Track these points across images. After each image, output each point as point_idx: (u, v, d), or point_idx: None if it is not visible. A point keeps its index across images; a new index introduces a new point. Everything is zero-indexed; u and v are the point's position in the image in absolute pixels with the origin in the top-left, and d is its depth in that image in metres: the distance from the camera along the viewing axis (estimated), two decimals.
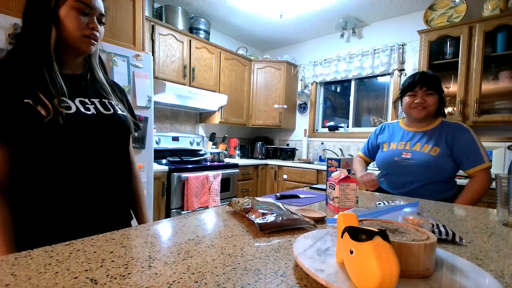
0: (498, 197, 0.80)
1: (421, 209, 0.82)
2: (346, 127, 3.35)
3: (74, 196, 0.73)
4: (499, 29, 2.14)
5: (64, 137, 0.70)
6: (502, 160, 1.99)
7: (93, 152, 0.76)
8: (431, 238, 0.44)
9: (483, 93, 2.19)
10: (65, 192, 0.72)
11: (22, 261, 0.46)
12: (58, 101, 0.69)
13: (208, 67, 2.95)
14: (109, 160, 0.80)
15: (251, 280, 0.43)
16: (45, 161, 0.69)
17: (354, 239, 0.38)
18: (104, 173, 0.79)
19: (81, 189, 0.74)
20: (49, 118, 0.66)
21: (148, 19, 2.37)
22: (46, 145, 0.69)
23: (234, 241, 0.59)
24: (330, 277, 0.40)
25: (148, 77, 1.96)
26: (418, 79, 1.33)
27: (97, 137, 0.77)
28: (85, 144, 0.74)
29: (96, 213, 0.77)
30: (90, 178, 0.76)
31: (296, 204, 0.98)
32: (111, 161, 0.81)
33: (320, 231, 0.59)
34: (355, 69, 3.15)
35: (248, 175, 3.14)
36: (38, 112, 0.66)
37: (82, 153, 0.74)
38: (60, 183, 0.71)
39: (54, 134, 0.69)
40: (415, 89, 1.33)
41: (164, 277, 0.43)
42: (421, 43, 2.44)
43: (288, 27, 3.35)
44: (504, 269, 0.50)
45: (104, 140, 0.79)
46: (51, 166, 0.70)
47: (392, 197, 1.20)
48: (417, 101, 1.32)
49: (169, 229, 0.66)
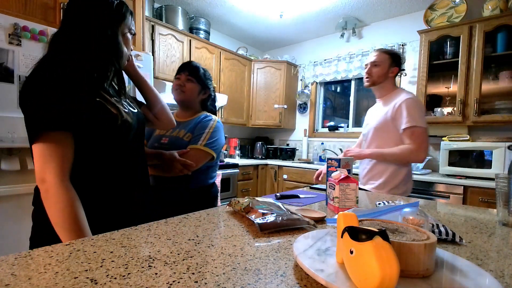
0: (498, 197, 0.80)
1: (421, 209, 0.82)
2: (346, 127, 3.35)
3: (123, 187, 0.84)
4: (499, 29, 2.14)
5: (129, 134, 0.82)
6: (502, 160, 1.99)
7: (138, 146, 0.90)
8: (431, 238, 0.44)
9: (483, 93, 2.19)
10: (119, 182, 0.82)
11: (22, 261, 0.46)
12: (116, 100, 0.80)
13: (208, 67, 2.95)
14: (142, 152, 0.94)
15: (251, 280, 0.43)
16: (113, 154, 0.80)
17: (354, 239, 0.38)
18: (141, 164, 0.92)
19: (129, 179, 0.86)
20: (124, 118, 0.78)
21: (148, 19, 2.37)
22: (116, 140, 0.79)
23: (234, 241, 0.59)
24: (330, 277, 0.39)
25: (148, 77, 1.96)
26: (184, 65, 1.34)
27: (141, 133, 0.92)
28: (136, 140, 0.88)
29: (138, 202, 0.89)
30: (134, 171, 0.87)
31: (296, 204, 0.98)
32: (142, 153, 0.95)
33: (320, 231, 0.59)
34: (355, 69, 3.15)
35: (248, 175, 3.14)
36: (110, 111, 0.75)
37: (133, 147, 0.87)
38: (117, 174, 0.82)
39: (126, 132, 0.80)
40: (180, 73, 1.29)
41: (164, 277, 0.43)
42: (421, 43, 2.44)
43: (288, 27, 3.35)
44: (504, 269, 0.50)
45: (141, 135, 0.93)
46: (115, 158, 0.80)
47: (392, 197, 1.20)
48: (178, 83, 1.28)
49: (169, 229, 0.66)
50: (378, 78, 1.51)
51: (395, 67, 1.51)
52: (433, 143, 2.68)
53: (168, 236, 0.61)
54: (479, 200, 1.94)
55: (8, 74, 1.37)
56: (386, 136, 1.47)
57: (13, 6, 1.49)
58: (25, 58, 1.42)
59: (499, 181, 0.80)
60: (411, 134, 1.37)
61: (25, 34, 1.41)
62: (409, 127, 1.37)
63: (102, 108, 0.74)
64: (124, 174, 0.84)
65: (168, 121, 1.10)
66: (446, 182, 2.08)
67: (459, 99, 2.26)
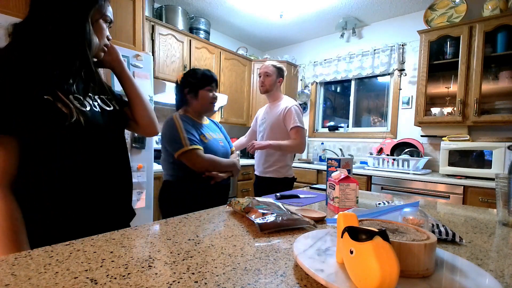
0: (498, 197, 0.80)
1: (421, 209, 0.82)
2: (346, 127, 3.35)
3: (85, 192, 0.75)
4: (499, 29, 2.14)
5: (82, 135, 0.72)
6: (502, 160, 1.99)
7: (104, 148, 0.79)
8: (431, 238, 0.44)
9: (483, 93, 2.19)
10: (78, 188, 0.73)
11: (22, 261, 0.46)
12: (73, 98, 0.71)
13: (208, 67, 2.95)
14: (116, 155, 0.84)
15: (251, 280, 0.43)
16: (62, 157, 0.70)
17: (354, 239, 0.38)
18: (113, 168, 0.82)
19: (93, 185, 0.76)
20: (74, 118, 0.68)
21: (148, 19, 2.36)
22: (64, 142, 0.70)
23: (234, 241, 0.59)
24: (330, 277, 0.39)
25: (148, 77, 1.96)
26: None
27: (106, 134, 0.80)
28: (97, 141, 0.77)
29: (106, 209, 0.80)
30: (100, 174, 0.78)
31: (296, 204, 0.98)
32: (118, 155, 0.85)
33: (320, 231, 0.59)
34: (355, 69, 3.15)
35: (248, 175, 3.14)
36: (59, 110, 0.67)
37: (96, 149, 0.77)
38: (74, 179, 0.72)
39: (76, 133, 0.70)
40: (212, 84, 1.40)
41: (164, 277, 0.43)
42: (421, 43, 2.44)
43: (288, 27, 3.34)
44: (504, 269, 0.50)
45: (111, 137, 0.83)
46: (68, 161, 0.71)
47: (392, 197, 1.19)
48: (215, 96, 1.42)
49: (169, 229, 0.66)
50: (270, 86, 1.90)
51: (280, 77, 1.95)
52: (433, 143, 2.68)
53: (168, 236, 0.61)
54: (479, 200, 1.94)
55: None
56: (278, 132, 1.85)
57: (13, 6, 1.49)
58: None
59: (499, 181, 0.80)
60: (296, 132, 1.77)
61: None
62: (295, 127, 1.77)
63: (49, 107, 0.66)
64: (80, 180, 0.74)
65: (149, 126, 0.95)
66: (446, 182, 2.08)
67: (459, 99, 2.26)
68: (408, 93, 2.86)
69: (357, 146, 3.19)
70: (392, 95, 3.00)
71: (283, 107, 1.84)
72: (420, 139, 2.73)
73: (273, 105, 1.94)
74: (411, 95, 2.83)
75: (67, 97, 0.70)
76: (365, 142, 3.14)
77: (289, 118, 1.80)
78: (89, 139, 0.74)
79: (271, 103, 1.97)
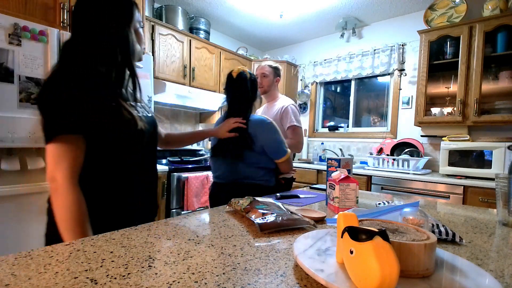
0: (498, 197, 0.80)
1: (421, 209, 0.82)
2: (346, 127, 3.35)
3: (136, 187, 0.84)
4: (499, 29, 2.14)
5: (142, 140, 0.82)
6: (502, 160, 1.99)
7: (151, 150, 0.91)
8: (431, 238, 0.44)
9: (483, 93, 2.19)
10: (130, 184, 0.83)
11: (22, 261, 0.46)
12: (129, 105, 0.80)
13: (208, 67, 2.95)
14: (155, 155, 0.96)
15: (251, 280, 0.43)
16: (124, 158, 0.79)
17: (354, 239, 0.38)
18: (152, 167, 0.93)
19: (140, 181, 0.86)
20: (139, 125, 0.78)
21: (148, 19, 2.36)
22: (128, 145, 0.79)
23: (234, 241, 0.59)
24: (330, 277, 0.39)
25: (148, 77, 1.96)
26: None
27: (155, 138, 0.94)
28: (149, 144, 0.88)
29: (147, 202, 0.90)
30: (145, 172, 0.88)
31: (296, 204, 0.98)
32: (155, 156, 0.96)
33: (320, 231, 0.59)
34: (355, 69, 3.15)
35: None
36: (126, 116, 0.76)
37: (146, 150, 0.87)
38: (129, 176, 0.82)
39: (139, 138, 0.80)
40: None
41: (164, 277, 0.43)
42: (421, 43, 2.44)
43: (288, 27, 3.34)
44: (504, 269, 0.50)
45: (153, 140, 0.94)
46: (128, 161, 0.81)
47: (392, 197, 1.19)
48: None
49: (169, 229, 0.66)
50: (268, 87, 1.89)
51: (277, 77, 1.94)
52: (433, 143, 2.68)
53: (168, 236, 0.61)
54: (479, 200, 1.94)
55: (8, 74, 1.37)
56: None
57: (13, 6, 1.49)
58: (25, 58, 1.41)
59: (499, 181, 0.80)
60: (293, 131, 1.78)
61: (25, 34, 1.41)
62: (292, 126, 1.77)
63: (116, 113, 0.75)
64: (134, 179, 0.84)
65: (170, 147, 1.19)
66: (446, 182, 2.08)
67: (459, 99, 2.26)
68: (408, 93, 2.87)
69: (357, 146, 3.19)
70: (392, 95, 3.00)
71: (280, 106, 1.84)
72: (420, 139, 2.73)
73: (270, 105, 1.95)
74: (411, 95, 2.83)
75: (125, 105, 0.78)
76: (365, 142, 3.14)
77: (286, 117, 1.81)
78: (144, 142, 0.84)
79: (269, 103, 1.98)
